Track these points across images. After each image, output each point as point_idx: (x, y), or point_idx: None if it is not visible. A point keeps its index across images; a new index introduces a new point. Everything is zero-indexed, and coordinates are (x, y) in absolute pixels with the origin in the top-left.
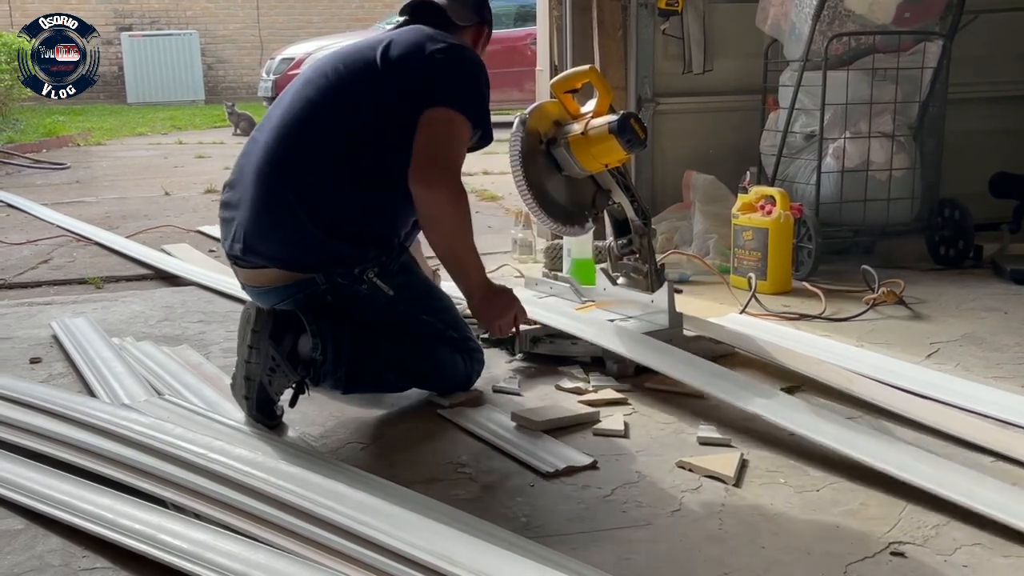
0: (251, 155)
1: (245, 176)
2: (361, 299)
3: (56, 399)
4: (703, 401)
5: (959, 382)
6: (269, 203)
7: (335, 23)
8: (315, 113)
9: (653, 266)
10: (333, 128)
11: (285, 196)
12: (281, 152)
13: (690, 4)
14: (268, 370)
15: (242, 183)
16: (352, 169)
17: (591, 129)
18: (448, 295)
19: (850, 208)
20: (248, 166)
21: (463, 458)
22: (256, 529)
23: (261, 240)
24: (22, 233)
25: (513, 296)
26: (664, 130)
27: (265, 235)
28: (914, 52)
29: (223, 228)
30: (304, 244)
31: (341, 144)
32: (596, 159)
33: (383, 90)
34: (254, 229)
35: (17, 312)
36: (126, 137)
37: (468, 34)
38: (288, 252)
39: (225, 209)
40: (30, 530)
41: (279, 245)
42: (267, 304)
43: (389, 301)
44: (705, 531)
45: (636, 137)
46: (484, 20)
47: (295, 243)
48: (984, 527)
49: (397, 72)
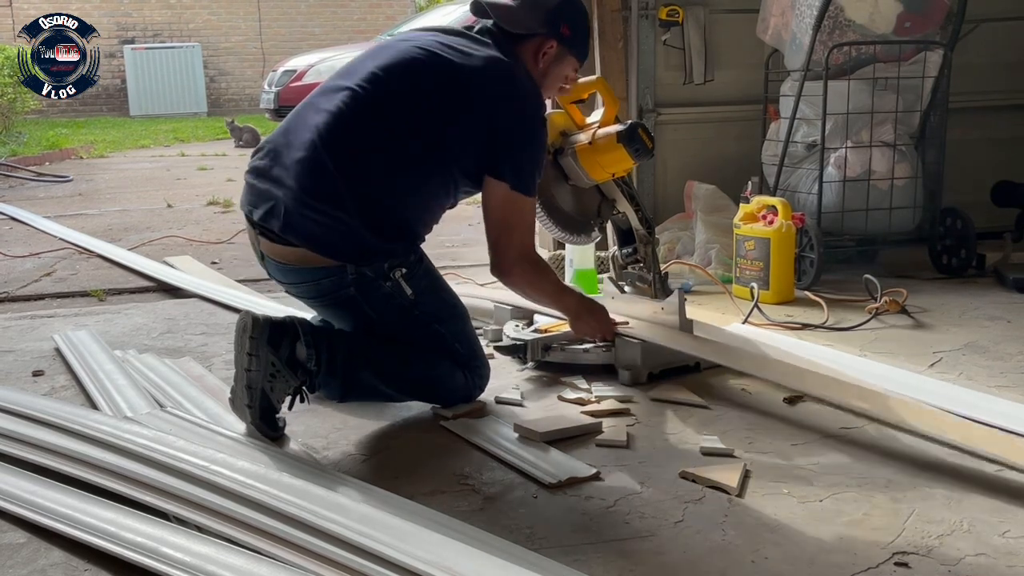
0: (304, 130)
1: (293, 148)
2: (382, 296)
3: (59, 412)
4: (706, 411)
5: (962, 391)
6: (320, 188)
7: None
8: (384, 108)
9: (658, 275)
10: (399, 127)
11: (336, 184)
12: (343, 137)
13: (691, 15)
14: (269, 376)
15: (289, 155)
16: (403, 165)
17: (598, 139)
18: (465, 306)
19: (852, 217)
20: (299, 140)
21: (466, 469)
22: (259, 542)
23: (303, 220)
24: (25, 246)
25: (603, 312)
26: (665, 140)
27: (308, 217)
28: (915, 61)
29: (251, 194)
30: (345, 233)
31: (400, 142)
32: (603, 168)
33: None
34: (297, 210)
35: (20, 325)
36: (129, 149)
37: (529, 47)
38: (327, 238)
39: (261, 178)
40: (32, 543)
41: (320, 229)
42: (288, 279)
43: (408, 304)
44: (708, 542)
45: (644, 146)
46: (553, 33)
47: (336, 230)
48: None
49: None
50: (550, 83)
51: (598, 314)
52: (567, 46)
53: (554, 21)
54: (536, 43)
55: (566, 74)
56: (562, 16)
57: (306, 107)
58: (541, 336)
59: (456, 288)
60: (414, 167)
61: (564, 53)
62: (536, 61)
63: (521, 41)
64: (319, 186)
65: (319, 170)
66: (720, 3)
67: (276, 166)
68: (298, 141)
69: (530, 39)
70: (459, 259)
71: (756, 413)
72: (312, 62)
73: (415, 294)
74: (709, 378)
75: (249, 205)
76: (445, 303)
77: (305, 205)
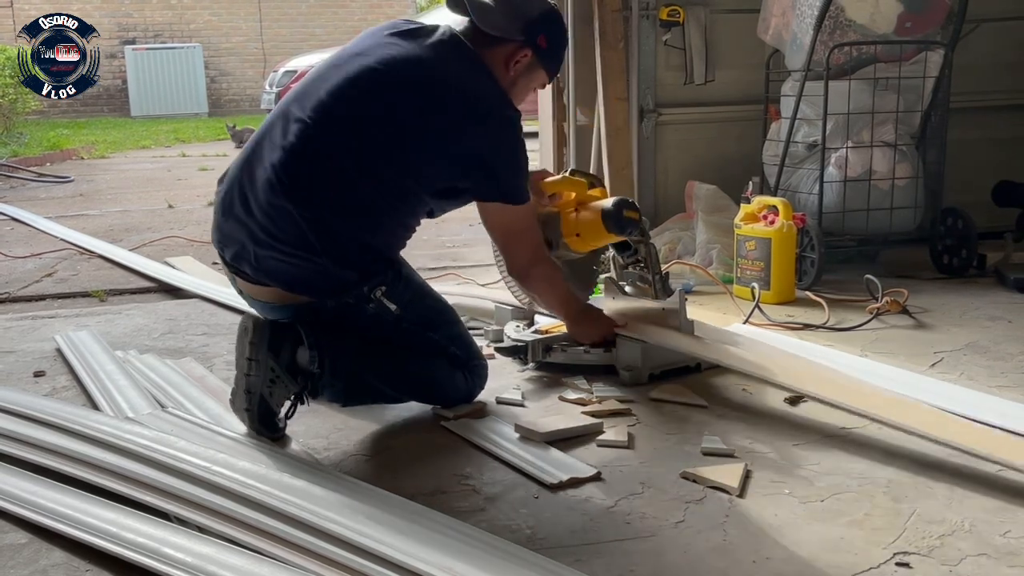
0: (262, 168)
1: (254, 187)
2: (368, 317)
3: (60, 412)
4: (707, 411)
5: (963, 391)
6: (284, 232)
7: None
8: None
9: (659, 275)
10: (358, 162)
11: (299, 226)
12: (300, 177)
13: (691, 15)
14: (268, 382)
15: (250, 194)
16: (366, 201)
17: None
18: (454, 310)
19: (853, 217)
20: (259, 178)
21: (467, 470)
22: (260, 542)
23: (273, 263)
24: (26, 246)
25: (602, 316)
26: (666, 141)
27: (277, 260)
28: (916, 61)
29: (219, 232)
30: (316, 271)
31: (362, 177)
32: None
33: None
34: (266, 253)
35: (21, 325)
36: (130, 150)
37: (501, 52)
38: (300, 278)
39: (226, 216)
40: (33, 544)
41: (293, 270)
42: (270, 315)
43: (395, 318)
44: (709, 542)
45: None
46: (529, 43)
47: (308, 270)
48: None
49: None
50: (517, 93)
51: (597, 319)
52: (541, 58)
53: (533, 30)
54: (510, 49)
55: (534, 87)
56: (542, 27)
57: (262, 140)
58: (542, 337)
59: (457, 288)
60: (379, 200)
61: (536, 65)
62: (507, 68)
63: (493, 44)
64: (283, 230)
65: (281, 214)
66: (721, 3)
67: (238, 205)
68: (258, 180)
69: (504, 44)
70: (460, 259)
71: (757, 413)
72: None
73: (400, 308)
74: (710, 378)
75: (219, 244)
76: (432, 310)
77: (272, 248)
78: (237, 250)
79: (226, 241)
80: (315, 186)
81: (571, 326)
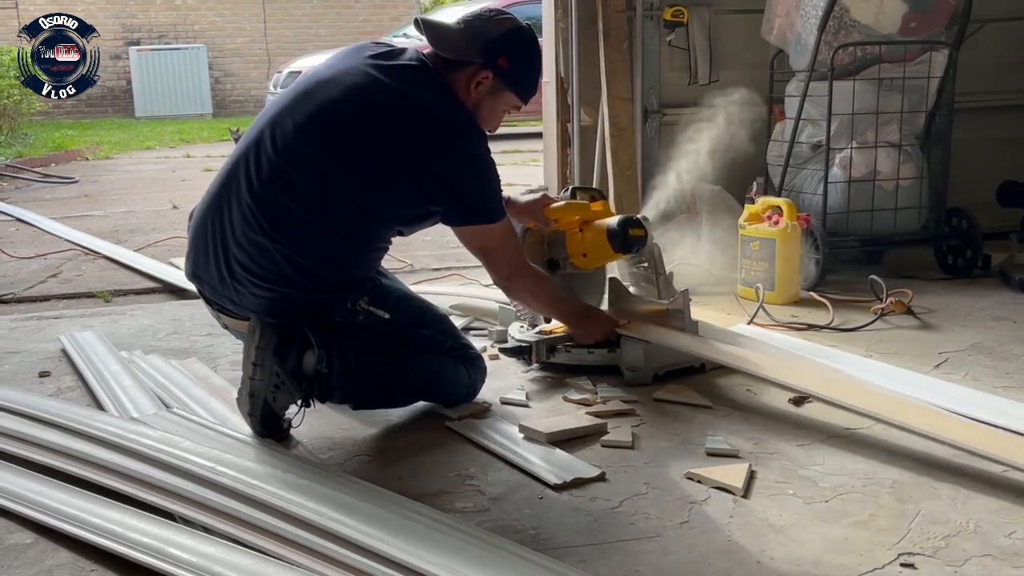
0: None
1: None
2: (359, 328)
3: (65, 413)
4: (711, 412)
5: (968, 392)
6: (262, 268)
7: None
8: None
9: (663, 275)
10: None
11: (277, 261)
12: (274, 214)
13: (695, 15)
14: (272, 387)
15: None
16: (339, 233)
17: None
18: (436, 306)
19: (857, 218)
20: (233, 214)
21: (471, 470)
22: (265, 542)
23: (254, 299)
24: (31, 247)
25: (601, 315)
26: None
27: (258, 296)
28: (920, 62)
29: (195, 267)
30: (298, 302)
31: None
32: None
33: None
34: (247, 289)
35: (26, 326)
36: (134, 151)
37: (462, 75)
38: (283, 309)
39: (201, 252)
40: (39, 544)
41: (275, 304)
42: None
43: (388, 323)
44: (713, 543)
45: (641, 241)
46: (489, 64)
47: (289, 302)
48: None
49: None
50: (484, 115)
51: (597, 318)
52: (504, 80)
53: (492, 52)
54: (470, 72)
55: (503, 109)
56: (502, 48)
57: (234, 171)
58: (546, 337)
59: (461, 289)
60: (352, 230)
61: (500, 87)
62: (468, 90)
63: (454, 68)
64: (260, 265)
65: (258, 249)
66: (725, 4)
67: (216, 238)
68: (233, 216)
69: (465, 67)
70: (464, 260)
71: (761, 414)
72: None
73: (389, 311)
74: (714, 379)
75: (196, 280)
76: (420, 308)
77: (250, 283)
78: (214, 287)
79: (202, 276)
80: (291, 222)
81: (572, 328)
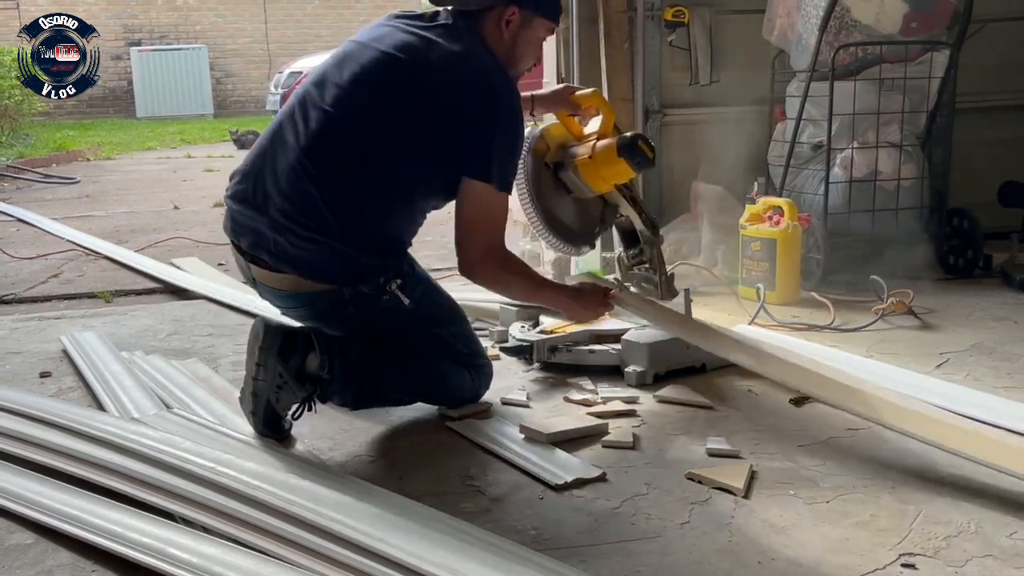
0: (282, 156)
1: (275, 175)
2: (381, 310)
3: (66, 413)
4: (712, 412)
5: (969, 392)
6: (307, 217)
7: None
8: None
9: (664, 275)
10: (376, 147)
11: (322, 212)
12: (323, 164)
13: (696, 15)
14: (275, 387)
15: (270, 182)
16: (385, 185)
17: (598, 152)
18: (461, 308)
19: (858, 218)
20: (279, 166)
21: (472, 471)
22: (265, 543)
23: (294, 249)
24: (32, 247)
25: (591, 292)
26: (671, 141)
27: (298, 246)
28: (921, 62)
29: (235, 223)
30: (337, 257)
31: (380, 163)
32: (605, 180)
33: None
34: (287, 240)
35: (27, 326)
36: (135, 151)
37: (490, 21)
38: (321, 264)
39: (244, 205)
40: (40, 544)
41: (313, 256)
42: (284, 304)
43: (407, 313)
44: (714, 543)
45: (645, 157)
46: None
47: (328, 256)
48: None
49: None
50: (521, 52)
51: (586, 296)
52: (530, 8)
53: None
54: (496, 14)
55: (540, 37)
56: None
57: (281, 129)
58: (547, 337)
59: (461, 289)
60: (396, 185)
61: (529, 16)
62: (500, 33)
63: (482, 17)
64: (306, 216)
65: (305, 199)
66: (725, 4)
67: (257, 194)
68: (279, 168)
69: (490, 12)
70: None
71: (762, 414)
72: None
73: (413, 302)
74: (715, 379)
75: (234, 233)
76: (442, 307)
77: (294, 234)
78: (254, 239)
79: (242, 230)
80: (338, 172)
81: (563, 310)
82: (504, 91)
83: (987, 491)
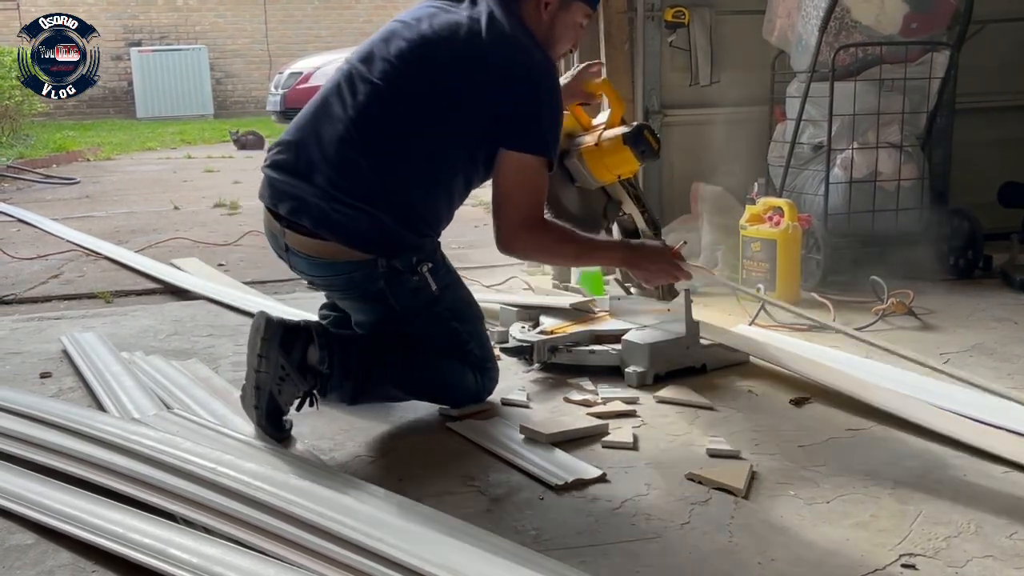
0: (330, 126)
1: (321, 144)
2: (409, 290)
3: (66, 413)
4: (712, 413)
5: (970, 393)
6: (353, 185)
7: (343, 37)
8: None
9: None
10: (423, 121)
11: (368, 180)
12: (372, 135)
13: (696, 16)
14: (278, 379)
15: (316, 150)
16: (430, 159)
17: (604, 141)
18: (481, 310)
19: (858, 219)
20: (327, 136)
21: (472, 471)
22: (266, 543)
23: (336, 216)
24: (32, 248)
25: (658, 250)
26: (671, 142)
27: (341, 212)
28: (921, 62)
29: (273, 189)
30: (378, 227)
31: (426, 136)
32: (609, 170)
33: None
34: (330, 206)
35: (27, 327)
36: (135, 152)
37: (530, 2)
38: (361, 232)
39: (285, 173)
40: (40, 545)
41: (354, 224)
42: (316, 273)
43: (431, 299)
44: (715, 544)
45: (650, 148)
46: None
47: (370, 225)
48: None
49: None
50: (559, 34)
51: (653, 253)
52: None
53: None
54: None
55: (577, 22)
56: None
57: (326, 103)
58: (547, 338)
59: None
60: (441, 159)
61: (568, 0)
62: (540, 15)
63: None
64: (352, 183)
65: (351, 167)
66: (726, 4)
67: (302, 161)
68: (325, 138)
69: None
70: (466, 260)
71: (762, 414)
72: (318, 64)
73: (439, 289)
74: (715, 379)
75: (272, 199)
76: (464, 301)
77: (338, 201)
78: (296, 205)
79: (282, 196)
80: (384, 142)
81: (630, 267)
82: (546, 68)
83: (987, 492)
